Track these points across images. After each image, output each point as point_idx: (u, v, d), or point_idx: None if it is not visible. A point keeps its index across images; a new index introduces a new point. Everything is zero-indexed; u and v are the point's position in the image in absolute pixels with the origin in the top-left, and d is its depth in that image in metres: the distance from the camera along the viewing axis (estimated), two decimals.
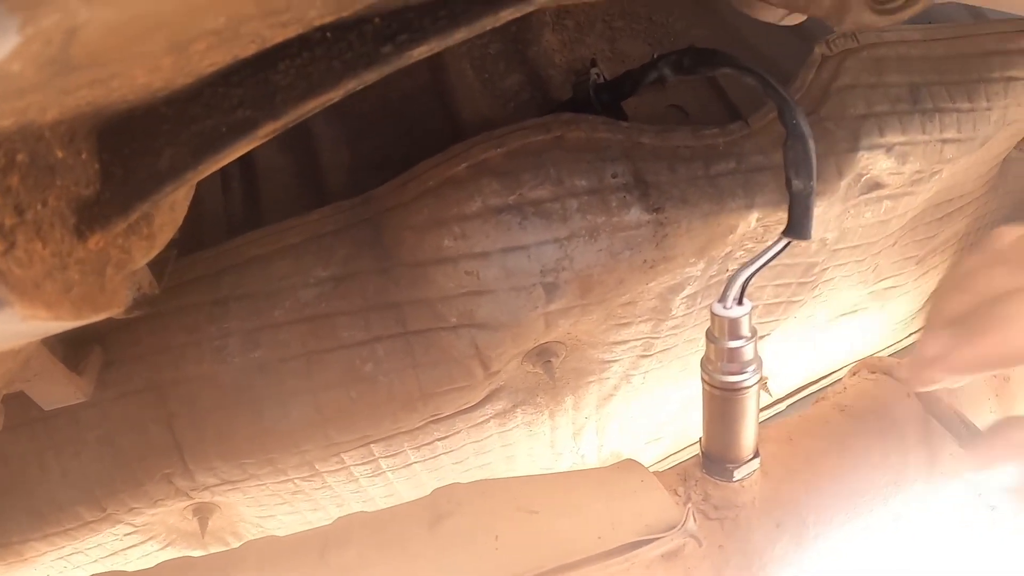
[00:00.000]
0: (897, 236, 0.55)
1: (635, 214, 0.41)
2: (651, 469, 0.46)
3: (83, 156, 0.26)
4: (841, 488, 0.47)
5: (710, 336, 0.38)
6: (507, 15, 0.26)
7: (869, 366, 0.52)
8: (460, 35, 0.26)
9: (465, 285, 0.42)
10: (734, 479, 0.42)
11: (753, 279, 0.38)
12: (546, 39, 0.51)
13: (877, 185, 0.49)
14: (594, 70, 0.46)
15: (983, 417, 0.53)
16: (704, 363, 0.39)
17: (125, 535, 0.53)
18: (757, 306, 0.51)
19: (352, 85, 0.26)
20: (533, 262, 0.41)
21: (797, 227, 0.37)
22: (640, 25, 0.53)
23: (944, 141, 0.50)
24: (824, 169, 0.46)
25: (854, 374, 0.52)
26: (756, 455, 0.43)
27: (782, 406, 0.70)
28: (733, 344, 0.38)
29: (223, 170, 0.52)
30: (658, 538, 0.39)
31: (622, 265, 0.41)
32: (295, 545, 0.41)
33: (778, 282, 0.50)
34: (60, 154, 0.25)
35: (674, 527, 0.40)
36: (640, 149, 0.43)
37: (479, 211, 0.41)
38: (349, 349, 0.44)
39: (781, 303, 0.52)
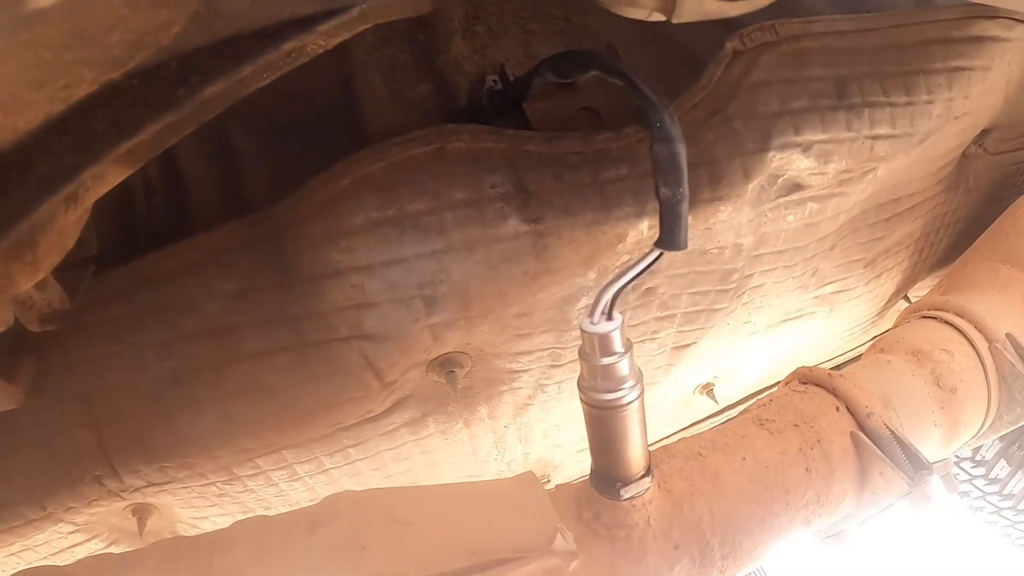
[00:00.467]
0: (834, 240, 0.52)
1: (512, 225, 0.40)
2: (581, 478, 0.45)
3: None
4: (752, 509, 0.44)
5: (582, 354, 0.37)
6: (290, 46, 0.26)
7: (800, 376, 0.49)
8: (247, 70, 0.26)
9: (353, 297, 0.42)
10: (622, 498, 0.41)
11: (637, 283, 0.36)
12: (456, 47, 0.50)
13: (797, 187, 0.46)
14: (491, 77, 0.46)
15: (927, 432, 0.49)
16: (580, 382, 0.38)
17: (69, 533, 0.56)
18: (675, 315, 0.49)
19: (155, 127, 0.28)
20: (412, 275, 0.41)
21: (669, 237, 0.35)
22: (556, 27, 0.52)
23: (875, 138, 0.47)
24: (729, 172, 0.43)
25: (786, 384, 0.50)
26: (647, 473, 0.41)
27: (734, 412, 0.67)
28: (606, 361, 0.36)
29: (146, 185, 0.55)
30: (523, 557, 0.38)
31: (501, 277, 0.40)
32: (191, 544, 0.43)
33: (693, 290, 0.48)
34: None
35: (545, 546, 0.39)
36: (525, 157, 0.42)
37: (362, 225, 0.41)
38: (253, 360, 0.45)
39: (702, 311, 0.50)
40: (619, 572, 0.41)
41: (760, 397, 0.50)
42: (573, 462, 0.63)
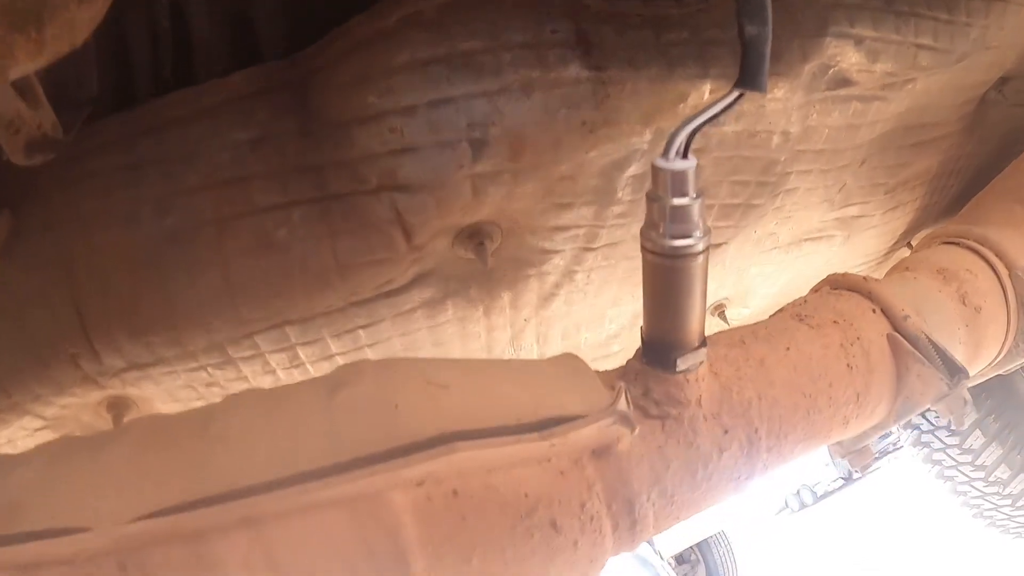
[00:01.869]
0: (866, 153, 0.52)
1: (574, 70, 0.38)
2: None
3: None
4: (798, 401, 0.42)
5: (651, 195, 0.34)
6: None
7: (832, 282, 0.48)
8: None
9: (388, 143, 0.38)
10: (678, 369, 0.38)
11: (700, 133, 0.34)
12: None
13: (845, 81, 0.46)
14: None
15: (953, 348, 0.49)
16: (644, 229, 0.35)
17: (36, 430, 0.49)
18: (713, 205, 0.47)
19: None
20: (460, 115, 0.37)
21: (751, 78, 0.33)
22: None
23: (919, 46, 0.47)
24: (787, 51, 0.43)
25: (816, 291, 0.49)
26: (703, 343, 0.38)
27: None
28: (678, 202, 0.33)
29: (153, 36, 0.50)
30: (582, 417, 0.35)
31: (558, 124, 0.38)
32: (179, 419, 0.37)
33: (735, 178, 0.46)
34: None
35: (603, 408, 0.36)
36: (585, 12, 0.40)
37: (407, 63, 0.38)
38: (263, 214, 0.41)
39: (739, 205, 0.48)
40: (668, 454, 0.38)
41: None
42: None
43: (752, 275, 0.57)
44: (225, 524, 0.29)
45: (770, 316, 0.46)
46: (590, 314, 0.52)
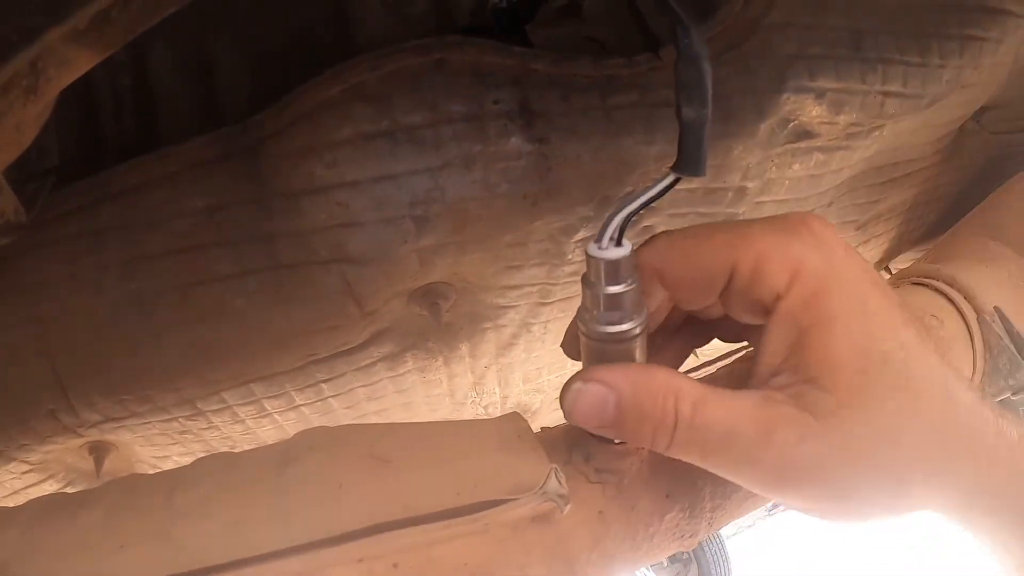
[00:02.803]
0: (833, 196, 0.51)
1: (516, 143, 0.37)
2: (557, 424, 0.43)
3: None
4: None
5: (585, 281, 0.34)
6: None
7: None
8: None
9: (336, 216, 0.39)
10: (616, 440, 0.39)
11: (635, 219, 0.34)
12: None
13: (807, 134, 0.44)
14: None
15: None
16: (580, 312, 0.35)
17: (22, 473, 0.52)
18: None
19: None
20: (403, 192, 0.38)
21: (689, 161, 0.32)
22: None
23: (887, 94, 0.46)
24: (742, 109, 0.42)
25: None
26: None
27: (712, 368, 0.66)
28: (612, 290, 0.33)
29: (115, 98, 0.50)
30: (514, 499, 0.36)
31: (500, 200, 0.38)
32: (149, 482, 0.39)
33: None
34: None
35: (533, 488, 0.37)
36: (532, 76, 0.39)
37: (350, 137, 0.38)
38: (221, 282, 0.42)
39: None
40: (608, 518, 0.39)
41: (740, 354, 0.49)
42: (551, 408, 0.61)
43: None
44: None
45: (713, 372, 0.46)
46: (550, 358, 0.53)
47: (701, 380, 0.31)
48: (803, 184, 0.47)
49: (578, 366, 0.38)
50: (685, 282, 0.32)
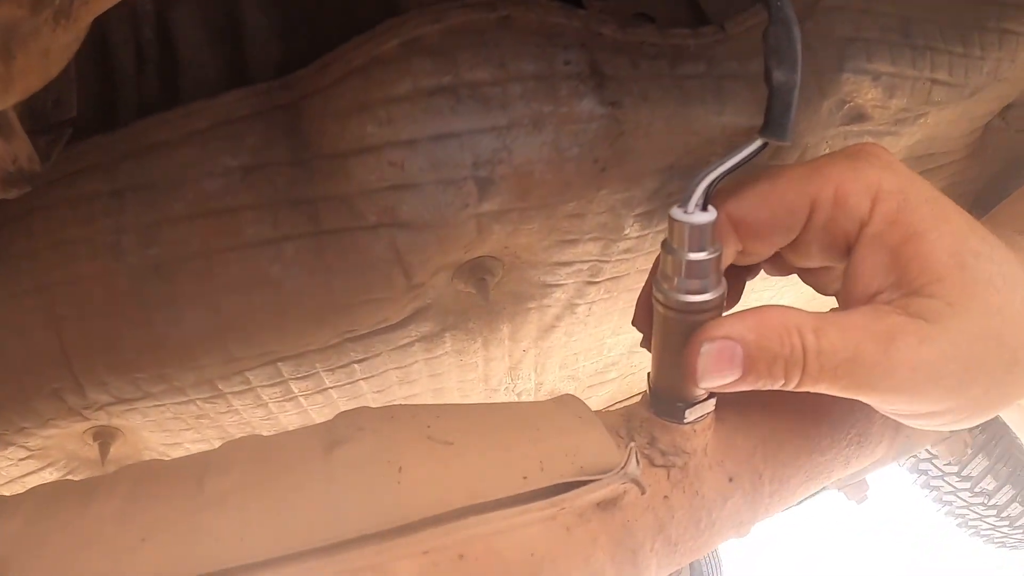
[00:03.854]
0: None
1: (588, 105, 0.36)
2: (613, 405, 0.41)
3: None
4: (801, 444, 0.42)
5: (666, 247, 0.32)
6: None
7: None
8: None
9: (388, 178, 0.36)
10: (685, 421, 0.37)
11: (720, 183, 0.32)
12: None
13: (861, 116, 0.44)
14: None
15: None
16: (658, 279, 0.33)
17: (20, 460, 0.47)
18: None
19: None
20: (466, 152, 0.35)
21: (776, 126, 0.31)
22: None
23: (934, 81, 0.46)
24: (806, 87, 0.41)
25: None
26: (712, 395, 0.37)
27: None
28: (694, 256, 0.32)
29: (138, 55, 0.47)
30: (593, 480, 0.34)
31: (569, 163, 0.36)
32: (174, 468, 0.35)
33: None
34: None
35: (612, 469, 0.35)
36: (599, 40, 0.37)
37: (408, 93, 0.36)
38: (255, 248, 0.39)
39: None
40: (672, 503, 0.37)
41: None
42: (584, 398, 0.58)
43: (751, 301, 0.56)
44: None
45: None
46: (589, 344, 0.51)
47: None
48: None
49: (615, 348, 0.36)
50: (765, 225, 0.32)
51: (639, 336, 0.39)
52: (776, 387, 0.32)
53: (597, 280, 0.44)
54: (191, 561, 0.30)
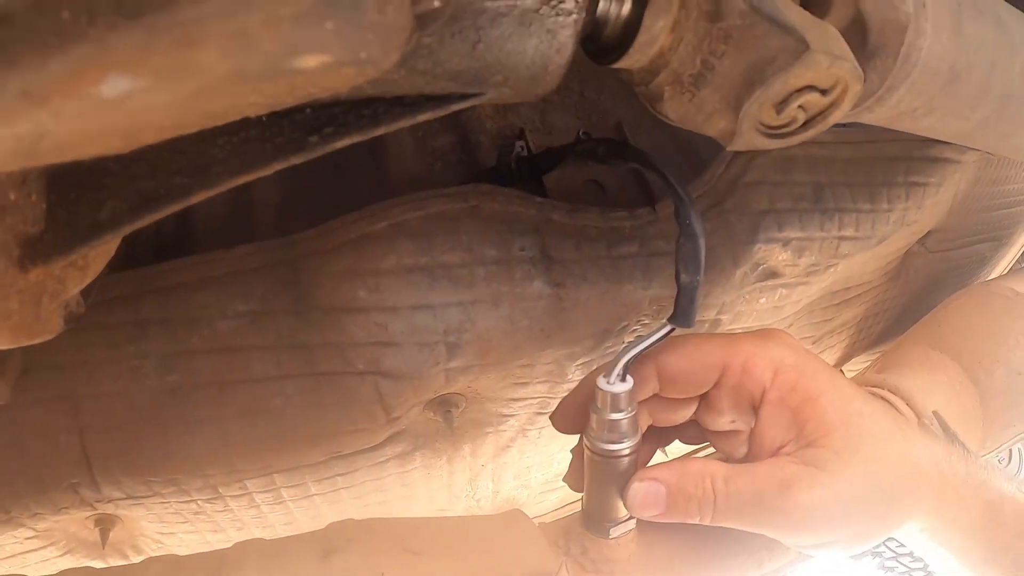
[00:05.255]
0: (792, 319, 0.60)
1: (537, 287, 0.44)
2: (546, 516, 0.49)
3: (32, 198, 0.28)
4: (714, 551, 0.50)
5: (593, 408, 0.41)
6: (424, 117, 0.28)
7: None
8: (380, 131, 0.28)
9: (374, 335, 0.44)
10: (611, 536, 0.45)
11: (636, 360, 0.41)
12: (481, 105, 0.54)
13: (773, 274, 0.53)
14: (519, 143, 0.50)
15: None
16: (587, 431, 0.42)
17: (26, 539, 0.53)
18: None
19: (279, 165, 0.28)
20: (438, 321, 0.43)
21: (682, 316, 0.41)
22: (571, 99, 0.57)
23: (841, 238, 0.55)
24: (721, 258, 0.50)
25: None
26: (632, 516, 0.46)
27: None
28: (614, 416, 0.41)
29: None
30: None
31: (520, 332, 0.44)
32: (193, 565, 0.43)
33: None
34: (12, 196, 0.27)
35: None
36: (550, 225, 0.46)
37: (393, 268, 0.44)
38: (260, 383, 0.46)
39: None
40: None
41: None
42: (535, 502, 0.67)
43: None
44: None
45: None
46: (540, 459, 0.59)
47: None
48: (768, 314, 0.55)
49: (564, 461, 0.45)
50: (682, 374, 0.41)
51: None
52: (693, 521, 0.40)
53: (545, 411, 0.53)
54: None
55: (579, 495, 0.73)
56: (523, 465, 0.59)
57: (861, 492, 0.37)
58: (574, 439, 0.56)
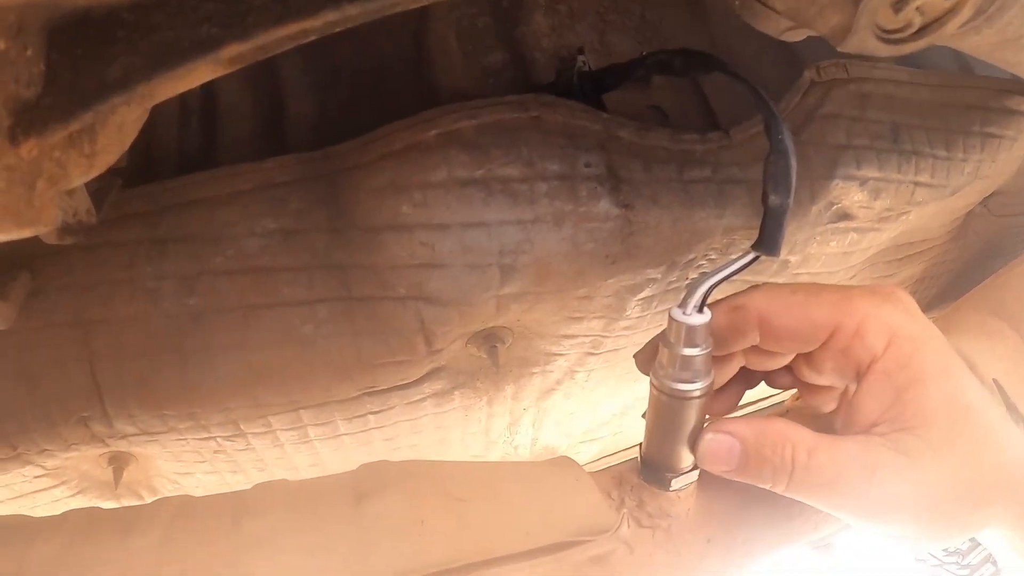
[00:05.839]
0: (858, 269, 0.55)
1: (604, 207, 0.40)
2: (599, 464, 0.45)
3: (29, 52, 0.24)
4: (773, 509, 0.46)
5: (665, 341, 0.37)
6: None
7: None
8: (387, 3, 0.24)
9: (418, 256, 0.40)
10: (671, 488, 0.41)
11: (715, 290, 0.37)
12: (536, 21, 0.49)
13: (846, 216, 0.49)
14: (581, 57, 0.45)
15: None
16: (655, 367, 0.38)
17: (35, 477, 0.49)
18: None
19: (332, 17, 0.24)
20: (493, 241, 0.39)
21: (768, 242, 0.36)
22: (632, 21, 0.52)
23: (917, 184, 0.51)
24: (799, 192, 0.45)
25: (797, 399, 0.52)
26: (696, 467, 0.42)
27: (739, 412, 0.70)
28: (688, 352, 0.36)
29: (182, 104, 0.49)
30: (589, 541, 0.38)
31: (584, 257, 0.40)
32: (210, 507, 0.39)
33: None
34: (3, 45, 0.22)
35: (606, 531, 0.39)
36: (617, 143, 0.42)
37: (443, 181, 0.39)
38: (289, 307, 0.42)
39: None
40: (656, 562, 0.42)
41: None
42: (573, 453, 0.63)
43: None
44: None
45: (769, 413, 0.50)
46: (584, 405, 0.55)
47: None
48: (836, 260, 0.51)
49: (608, 413, 0.40)
50: (787, 331, 0.36)
51: (631, 399, 0.44)
52: (763, 487, 0.35)
53: (597, 352, 0.49)
54: None
55: (617, 448, 0.69)
56: (566, 411, 0.55)
57: (948, 493, 0.34)
58: (623, 387, 0.52)
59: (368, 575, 0.33)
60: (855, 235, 0.50)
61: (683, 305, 0.36)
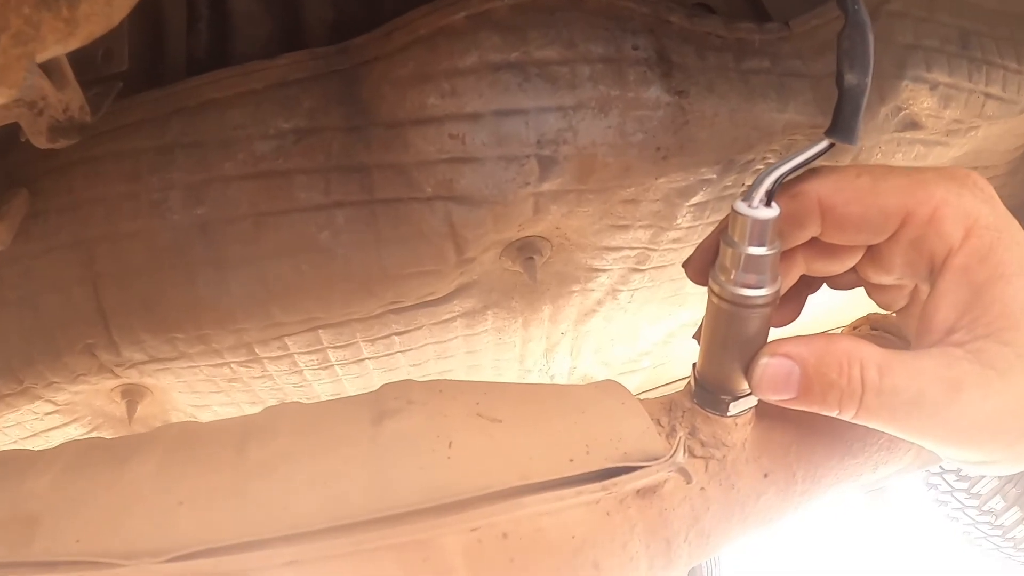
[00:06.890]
0: None
1: (655, 92, 0.35)
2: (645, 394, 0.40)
3: None
4: (835, 445, 0.42)
5: (727, 239, 0.32)
6: None
7: (872, 322, 0.47)
8: None
9: (448, 150, 0.36)
10: (728, 414, 0.37)
11: (784, 181, 0.32)
12: None
13: (914, 125, 0.44)
14: None
15: None
16: (715, 271, 0.33)
17: (46, 414, 0.46)
18: None
19: None
20: (530, 130, 0.35)
21: (845, 128, 0.31)
22: None
23: (988, 95, 0.46)
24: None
25: (855, 328, 0.48)
26: None
27: None
28: (754, 251, 0.31)
29: (191, 10, 0.46)
30: (641, 467, 0.34)
31: (632, 149, 0.36)
32: (215, 432, 0.35)
33: None
34: None
35: (658, 458, 0.35)
36: (667, 28, 0.37)
37: (474, 66, 0.35)
38: (305, 213, 0.38)
39: None
40: (709, 495, 0.37)
41: None
42: None
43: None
44: (270, 567, 0.27)
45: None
46: (626, 331, 0.51)
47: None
48: None
49: (651, 336, 0.36)
50: (854, 220, 0.31)
51: (675, 326, 0.39)
52: (830, 414, 0.31)
53: (642, 268, 0.44)
54: (231, 527, 0.30)
55: (658, 383, 0.65)
56: (607, 336, 0.51)
57: None
58: (668, 310, 0.47)
59: (388, 504, 0.29)
60: (921, 148, 0.46)
61: (748, 198, 0.31)
